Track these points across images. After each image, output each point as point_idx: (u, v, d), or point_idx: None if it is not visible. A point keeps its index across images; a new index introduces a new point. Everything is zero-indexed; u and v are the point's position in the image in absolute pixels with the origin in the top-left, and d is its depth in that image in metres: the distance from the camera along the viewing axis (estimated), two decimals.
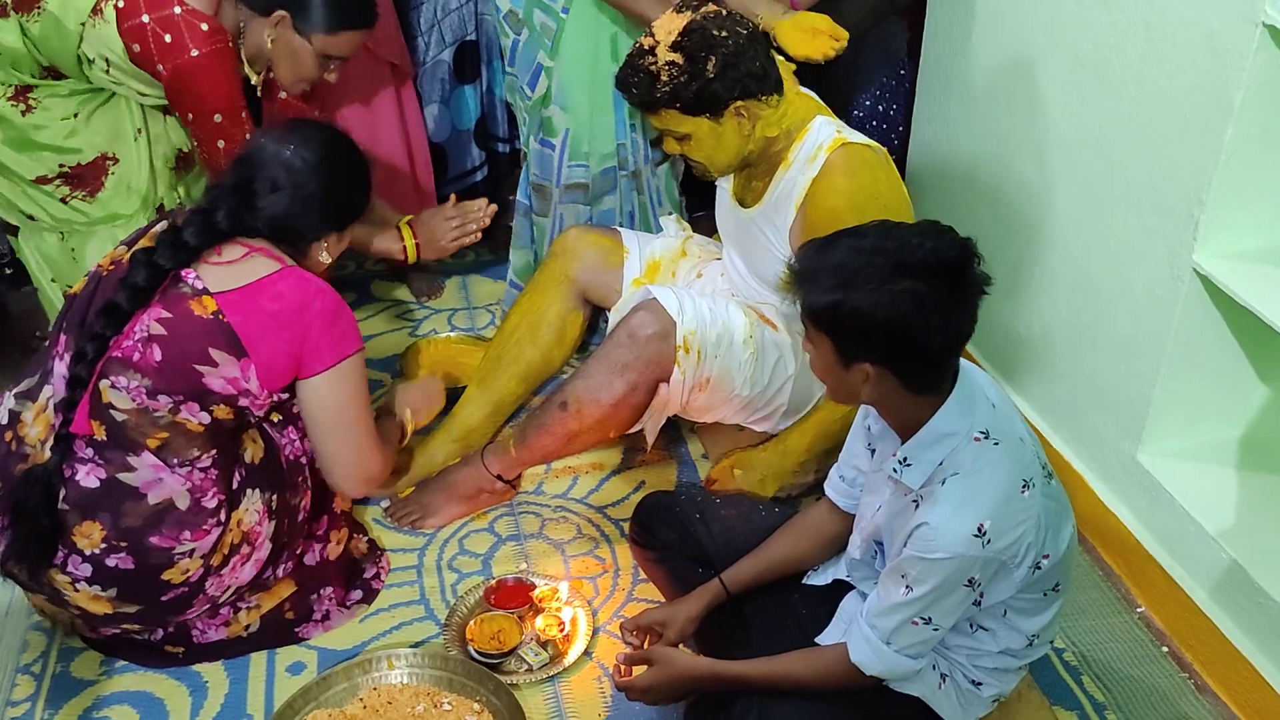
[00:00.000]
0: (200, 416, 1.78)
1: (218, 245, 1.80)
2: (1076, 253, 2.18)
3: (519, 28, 2.47)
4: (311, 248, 1.91)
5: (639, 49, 2.02)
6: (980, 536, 1.45)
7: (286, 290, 1.79)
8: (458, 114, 2.92)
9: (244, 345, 1.75)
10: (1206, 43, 1.76)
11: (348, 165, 1.93)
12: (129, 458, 1.76)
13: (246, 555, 1.88)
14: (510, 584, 2.08)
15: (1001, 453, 1.50)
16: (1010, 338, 2.44)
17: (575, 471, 2.41)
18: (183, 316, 1.75)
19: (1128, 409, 2.09)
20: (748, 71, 1.99)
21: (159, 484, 1.77)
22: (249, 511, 1.86)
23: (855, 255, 1.44)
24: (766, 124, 2.07)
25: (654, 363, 2.09)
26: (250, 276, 1.79)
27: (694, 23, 1.99)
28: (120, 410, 1.75)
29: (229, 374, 1.76)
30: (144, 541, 1.76)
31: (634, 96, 2.04)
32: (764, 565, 1.83)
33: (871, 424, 1.68)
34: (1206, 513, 1.98)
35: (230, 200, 1.82)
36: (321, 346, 1.82)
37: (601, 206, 2.64)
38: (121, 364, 1.75)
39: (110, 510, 1.76)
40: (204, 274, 1.77)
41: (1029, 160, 2.28)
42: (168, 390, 1.75)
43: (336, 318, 1.83)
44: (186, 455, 1.78)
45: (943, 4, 2.54)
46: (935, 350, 1.46)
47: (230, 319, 1.75)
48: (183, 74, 2.14)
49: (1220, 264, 1.85)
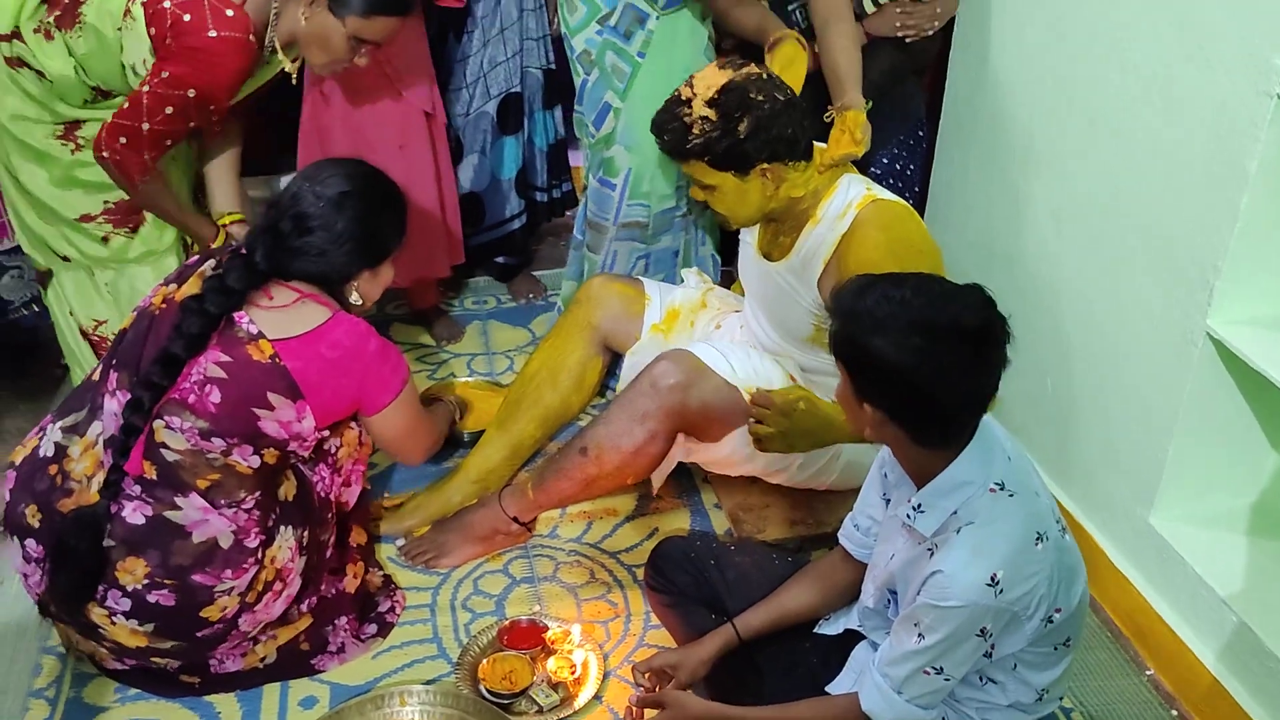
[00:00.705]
0: (251, 460, 1.82)
1: (263, 287, 1.85)
2: (1091, 314, 2.21)
3: (590, 67, 2.53)
4: (345, 289, 1.95)
5: (677, 98, 2.09)
6: (993, 586, 1.46)
7: (343, 337, 1.86)
8: (498, 164, 2.99)
9: (301, 389, 1.80)
10: (1221, 112, 1.80)
11: (376, 200, 1.96)
12: (176, 497, 1.80)
13: (279, 592, 1.90)
14: (523, 625, 2.10)
15: (1016, 504, 1.52)
16: (1023, 396, 2.46)
17: (590, 516, 2.44)
18: (242, 361, 1.79)
19: (1140, 472, 2.11)
20: (778, 135, 2.04)
21: (205, 524, 1.80)
22: (282, 549, 1.89)
23: (887, 301, 1.47)
24: (792, 185, 2.12)
25: (674, 412, 2.12)
26: (306, 324, 1.84)
27: (733, 82, 2.05)
28: (174, 450, 1.79)
29: (284, 417, 1.81)
30: (188, 579, 1.79)
31: (665, 143, 2.10)
32: (777, 612, 1.85)
33: (888, 472, 1.71)
34: (1218, 576, 1.98)
35: (265, 242, 1.87)
36: (381, 385, 1.94)
37: (659, 245, 2.70)
38: (178, 405, 1.79)
39: (158, 547, 1.79)
40: (256, 318, 1.82)
41: (1045, 222, 2.32)
42: (223, 433, 1.79)
43: (386, 355, 1.93)
44: (234, 497, 1.82)
45: (962, 67, 2.60)
46: (941, 409, 1.49)
47: (288, 363, 1.80)
48: (190, 46, 2.10)
49: (1234, 329, 1.88)
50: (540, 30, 2.86)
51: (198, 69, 2.12)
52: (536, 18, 2.84)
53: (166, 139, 2.19)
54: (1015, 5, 2.36)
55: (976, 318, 1.47)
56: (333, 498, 2.01)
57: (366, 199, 1.94)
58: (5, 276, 2.73)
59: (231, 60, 2.14)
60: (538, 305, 3.24)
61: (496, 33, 2.78)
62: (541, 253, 3.49)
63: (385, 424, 2.00)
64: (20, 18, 2.18)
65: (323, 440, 1.95)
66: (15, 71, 2.21)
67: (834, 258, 2.08)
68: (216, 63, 2.12)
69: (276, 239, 1.88)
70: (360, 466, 2.08)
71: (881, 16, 2.53)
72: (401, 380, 1.98)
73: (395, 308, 3.18)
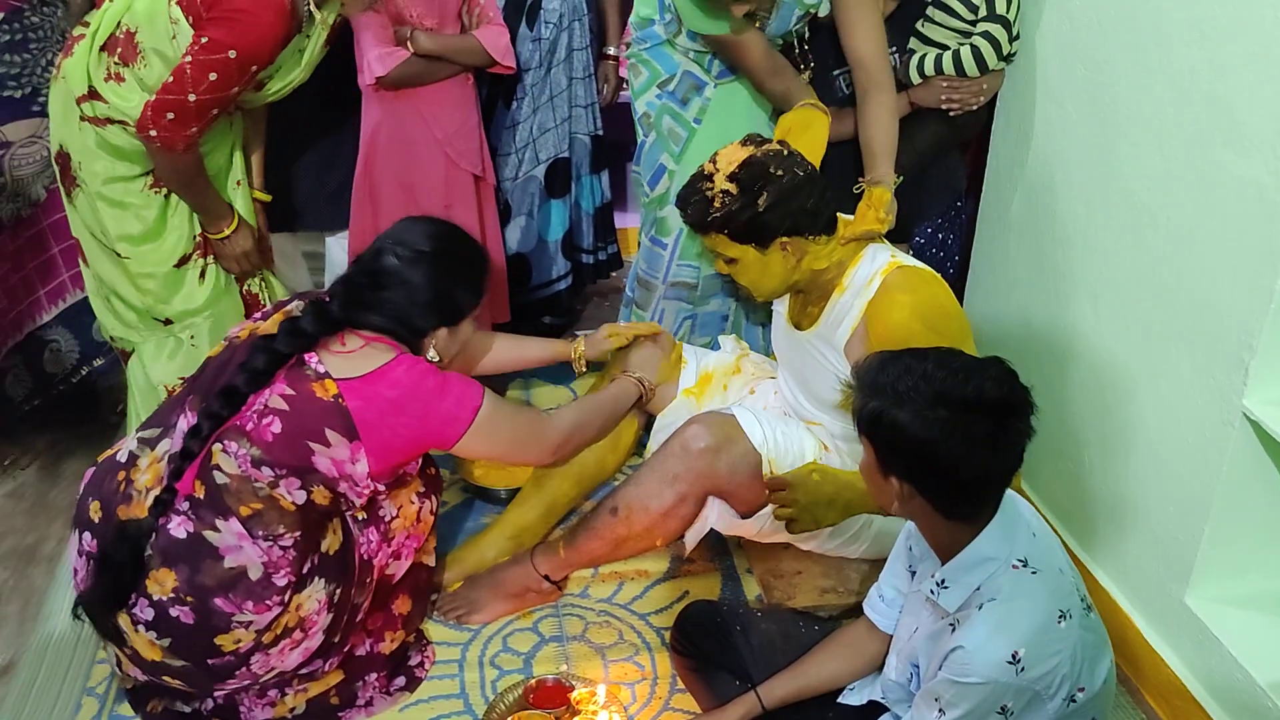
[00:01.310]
0: (296, 495, 1.85)
1: (336, 334, 1.90)
2: (1129, 392, 2.20)
3: (649, 130, 2.60)
4: (422, 344, 1.99)
5: (700, 173, 2.14)
6: (1014, 664, 1.46)
7: (403, 376, 1.89)
8: (545, 226, 3.06)
9: (358, 429, 1.84)
10: (1257, 195, 1.81)
11: (456, 260, 2.02)
12: (218, 519, 1.83)
13: (297, 641, 1.91)
14: (549, 684, 2.10)
15: (1039, 582, 1.52)
16: (1060, 472, 2.45)
17: (621, 577, 2.45)
18: (306, 396, 1.84)
19: (1176, 550, 2.09)
20: (798, 209, 2.08)
21: (238, 550, 1.83)
22: (310, 598, 1.90)
23: (909, 375, 1.49)
24: (814, 258, 2.15)
25: (704, 475, 2.14)
26: (370, 365, 1.88)
27: (754, 157, 2.10)
28: (225, 473, 1.83)
29: (338, 455, 1.84)
30: (209, 601, 1.82)
31: (688, 216, 2.15)
32: (801, 682, 1.85)
33: (913, 545, 1.71)
34: (1257, 662, 1.94)
35: (344, 291, 1.94)
36: (445, 419, 1.93)
37: (708, 307, 2.74)
38: (237, 431, 1.84)
39: (189, 563, 1.82)
40: (326, 360, 1.87)
41: (1084, 300, 2.33)
42: (274, 462, 1.83)
43: (445, 391, 1.93)
44: (273, 530, 1.84)
45: (1004, 143, 2.63)
46: (965, 481, 1.50)
47: (349, 403, 1.84)
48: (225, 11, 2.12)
49: (1271, 410, 1.86)
50: (589, 98, 2.93)
51: (235, 30, 2.13)
52: (585, 86, 2.91)
53: (213, 108, 2.19)
54: (1057, 83, 2.38)
55: (999, 390, 1.48)
56: (376, 563, 2.01)
57: (445, 258, 1.99)
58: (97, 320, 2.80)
59: (267, 16, 2.14)
60: None
61: (546, 100, 2.86)
62: (587, 313, 3.55)
63: (472, 450, 2.04)
64: (90, 74, 2.25)
65: (378, 503, 1.97)
66: (102, 129, 2.26)
67: (861, 323, 2.10)
68: (253, 22, 2.13)
69: (354, 290, 1.94)
70: (414, 542, 2.08)
71: (927, 88, 2.57)
72: (470, 410, 1.95)
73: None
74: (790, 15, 2.40)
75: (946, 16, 2.54)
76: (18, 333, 2.70)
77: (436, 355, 2.01)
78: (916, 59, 2.55)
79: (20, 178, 2.55)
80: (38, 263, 2.69)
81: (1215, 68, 1.89)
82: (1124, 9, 2.12)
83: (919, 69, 2.55)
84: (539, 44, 2.78)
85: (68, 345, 2.79)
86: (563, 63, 2.84)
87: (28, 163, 2.54)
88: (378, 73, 2.52)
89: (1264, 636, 2.00)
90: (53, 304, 2.75)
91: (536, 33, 2.77)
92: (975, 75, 2.52)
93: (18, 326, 2.70)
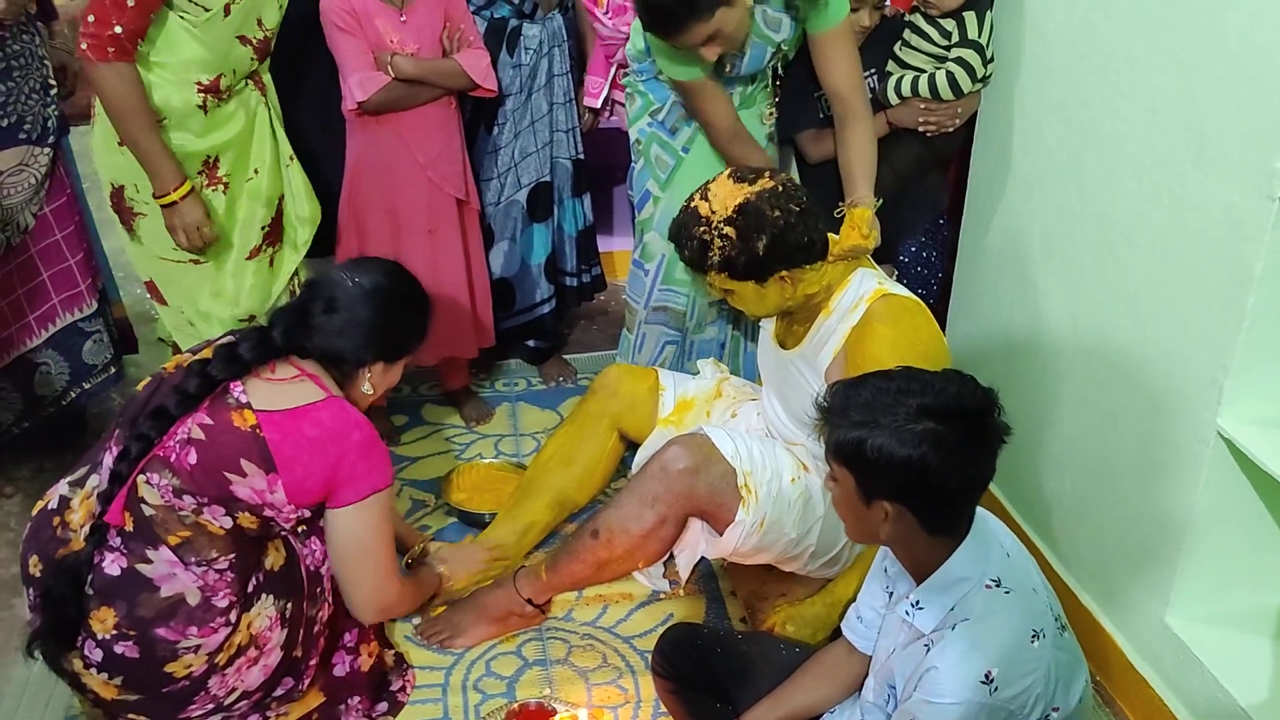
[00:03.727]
0: (223, 520, 1.84)
1: (271, 362, 1.90)
2: (1104, 409, 2.21)
3: (638, 156, 2.63)
4: (358, 375, 1.99)
5: (694, 213, 2.12)
6: (988, 684, 1.46)
7: (327, 419, 1.87)
8: (528, 250, 3.06)
9: (275, 462, 1.82)
10: (1226, 215, 1.82)
11: (404, 298, 2.03)
12: (148, 550, 1.83)
13: (254, 659, 1.91)
14: (532, 708, 2.10)
15: (1012, 601, 1.52)
16: (1039, 491, 2.45)
17: (605, 600, 2.45)
18: (223, 426, 1.83)
19: (1156, 570, 2.09)
20: (795, 244, 2.09)
21: (172, 579, 1.83)
22: (260, 616, 1.90)
23: (881, 395, 1.50)
24: (808, 284, 2.17)
25: (684, 496, 2.15)
26: (295, 401, 1.87)
27: (749, 202, 2.08)
28: (150, 505, 1.84)
29: (256, 485, 1.83)
30: (151, 632, 1.81)
31: (684, 256, 2.16)
32: (784, 709, 1.84)
33: (889, 566, 1.71)
34: (1238, 683, 1.95)
35: (288, 319, 1.94)
36: (356, 477, 1.89)
37: (704, 335, 2.75)
38: (160, 462, 1.84)
39: (126, 598, 1.82)
40: (251, 388, 1.87)
41: (1063, 318, 2.34)
42: (194, 491, 1.83)
43: (369, 451, 1.90)
44: (205, 555, 1.84)
45: (983, 163, 2.64)
46: (953, 492, 1.50)
47: (267, 435, 1.83)
48: None
49: (1244, 429, 1.87)
50: (569, 123, 2.95)
51: None
52: (566, 111, 2.93)
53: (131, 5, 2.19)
54: (1033, 105, 2.40)
55: (974, 397, 1.50)
56: (323, 572, 2.00)
57: (395, 296, 2.01)
58: (88, 342, 2.83)
59: None
60: (567, 388, 3.28)
61: (527, 125, 2.88)
62: (573, 336, 3.56)
63: (341, 525, 1.93)
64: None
65: (314, 518, 1.96)
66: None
67: (843, 349, 2.11)
68: None
69: (300, 317, 1.95)
70: None
71: (905, 109, 2.60)
72: (374, 485, 1.91)
73: (429, 389, 3.24)
74: (763, 54, 2.43)
75: (922, 41, 2.57)
76: (6, 356, 2.71)
77: (370, 389, 2.01)
78: (894, 81, 2.58)
79: (9, 206, 2.56)
80: (27, 289, 2.70)
81: (1185, 90, 1.90)
82: (1097, 32, 2.14)
83: (896, 91, 2.57)
84: (519, 70, 2.80)
85: (58, 368, 2.80)
86: (543, 88, 2.86)
87: (16, 191, 2.56)
88: (358, 98, 2.54)
89: (1245, 656, 2.00)
90: (42, 328, 2.76)
91: (517, 59, 2.79)
92: (950, 99, 2.54)
93: (6, 350, 2.71)
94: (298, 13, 2.53)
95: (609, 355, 3.33)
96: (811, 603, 2.24)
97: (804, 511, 2.20)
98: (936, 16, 2.53)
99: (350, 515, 1.92)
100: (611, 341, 3.49)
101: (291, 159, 2.57)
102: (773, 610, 2.30)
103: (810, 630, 2.20)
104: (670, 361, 2.76)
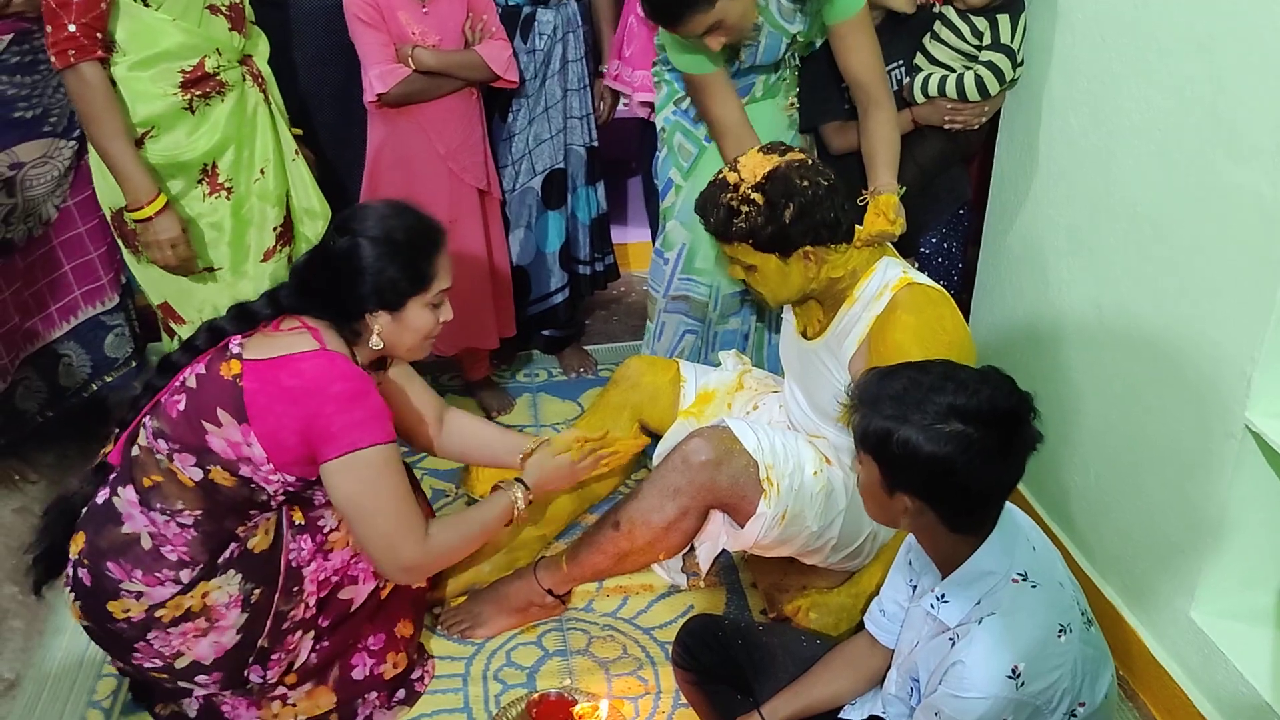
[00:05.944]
0: (192, 471, 1.85)
1: (278, 319, 1.93)
2: (1130, 402, 2.20)
3: (663, 144, 2.63)
4: (363, 326, 1.94)
5: (722, 181, 2.13)
6: (1014, 678, 1.45)
7: (309, 369, 1.84)
8: (542, 238, 3.06)
9: (247, 412, 1.81)
10: (1257, 207, 1.80)
11: (395, 239, 1.92)
12: (120, 487, 1.90)
13: (203, 629, 1.89)
14: (552, 699, 2.11)
15: (1039, 596, 1.51)
16: (1064, 485, 2.44)
17: (626, 591, 2.45)
18: (212, 375, 1.86)
19: (1181, 564, 2.08)
20: (822, 220, 2.08)
21: (131, 518, 1.88)
22: (220, 589, 1.89)
23: (915, 389, 1.48)
24: (832, 267, 2.15)
25: (706, 489, 2.14)
26: (283, 350, 1.86)
27: (779, 169, 2.08)
28: (138, 446, 1.91)
29: (230, 437, 1.83)
30: (102, 564, 1.88)
31: (709, 225, 2.15)
32: (805, 700, 1.83)
33: (914, 559, 1.71)
34: (1262, 677, 1.93)
35: (298, 275, 1.97)
36: (332, 431, 1.82)
37: (727, 326, 2.74)
38: (159, 407, 1.90)
39: (94, 526, 1.90)
40: (251, 342, 1.88)
41: (1088, 310, 2.32)
42: (171, 437, 1.86)
43: (353, 405, 1.82)
44: (171, 505, 1.86)
45: (1008, 155, 2.63)
46: (975, 494, 1.49)
47: (245, 384, 1.82)
48: None
49: (1273, 423, 1.85)
50: (584, 109, 2.94)
51: None
52: (580, 97, 2.92)
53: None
54: (1060, 95, 2.38)
55: (1009, 399, 1.48)
56: (308, 574, 1.97)
57: (382, 241, 1.91)
58: (110, 336, 2.85)
59: None
60: (588, 379, 3.28)
61: (541, 111, 2.87)
62: (593, 327, 3.55)
63: (333, 484, 1.86)
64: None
65: (316, 510, 1.97)
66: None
67: (866, 339, 2.10)
68: None
69: (302, 276, 1.97)
70: (368, 566, 2.03)
71: (930, 108, 2.58)
72: (355, 441, 1.82)
73: (449, 379, 3.25)
74: (778, 45, 2.42)
75: (952, 35, 2.54)
76: (30, 345, 2.73)
77: (380, 342, 1.95)
78: (920, 78, 2.56)
79: (32, 198, 2.57)
80: (49, 280, 2.71)
81: (1215, 79, 1.88)
82: (1125, 22, 2.11)
83: (923, 89, 2.56)
84: (533, 56, 2.79)
85: (80, 360, 2.82)
86: (557, 74, 2.85)
87: (39, 183, 2.57)
88: (379, 90, 2.54)
89: (1269, 651, 1.98)
90: (64, 320, 2.78)
91: (530, 45, 2.78)
92: (977, 100, 2.52)
93: (30, 339, 2.73)
94: (320, 4, 2.53)
95: (629, 346, 3.34)
96: (837, 592, 2.24)
97: (826, 504, 2.19)
98: (968, 11, 2.50)
99: (338, 473, 1.85)
100: (631, 332, 3.48)
101: (296, 154, 2.53)
102: (799, 594, 2.29)
103: (833, 620, 2.19)
104: (690, 351, 2.75)
